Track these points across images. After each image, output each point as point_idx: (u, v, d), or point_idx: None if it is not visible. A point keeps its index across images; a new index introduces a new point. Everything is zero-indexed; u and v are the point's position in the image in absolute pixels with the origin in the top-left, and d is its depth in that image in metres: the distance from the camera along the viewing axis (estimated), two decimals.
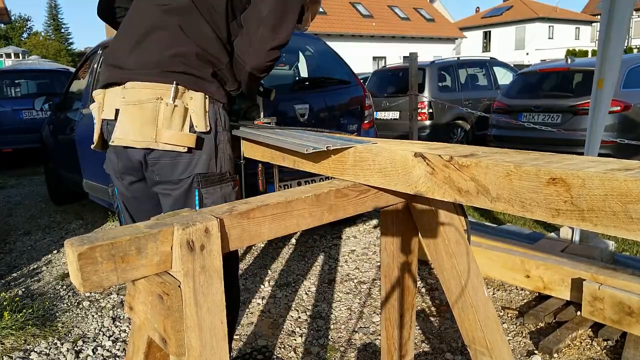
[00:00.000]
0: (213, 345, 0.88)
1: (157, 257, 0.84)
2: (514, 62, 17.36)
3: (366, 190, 1.16)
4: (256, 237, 0.98)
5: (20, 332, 2.47)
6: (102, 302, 2.86)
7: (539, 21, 34.33)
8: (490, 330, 1.35)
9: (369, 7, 28.49)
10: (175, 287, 0.83)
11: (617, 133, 5.30)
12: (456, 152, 0.97)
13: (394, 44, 28.18)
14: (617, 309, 2.18)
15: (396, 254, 1.39)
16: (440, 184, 0.96)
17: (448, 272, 1.32)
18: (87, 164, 4.05)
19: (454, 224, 1.29)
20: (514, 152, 0.95)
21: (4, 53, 28.28)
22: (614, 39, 2.74)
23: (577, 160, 0.84)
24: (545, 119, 6.03)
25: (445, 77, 8.42)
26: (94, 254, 0.77)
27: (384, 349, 1.53)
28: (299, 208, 1.03)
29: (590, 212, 0.74)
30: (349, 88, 3.85)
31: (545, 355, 2.16)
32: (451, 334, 2.37)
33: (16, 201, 5.80)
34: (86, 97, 4.12)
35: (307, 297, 2.85)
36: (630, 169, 0.75)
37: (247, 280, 3.11)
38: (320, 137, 1.35)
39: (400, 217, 1.33)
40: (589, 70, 5.70)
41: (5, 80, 8.63)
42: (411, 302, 1.44)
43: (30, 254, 3.83)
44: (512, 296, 2.74)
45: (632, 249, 3.33)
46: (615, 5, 2.67)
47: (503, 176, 0.84)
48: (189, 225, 0.83)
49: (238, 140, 1.65)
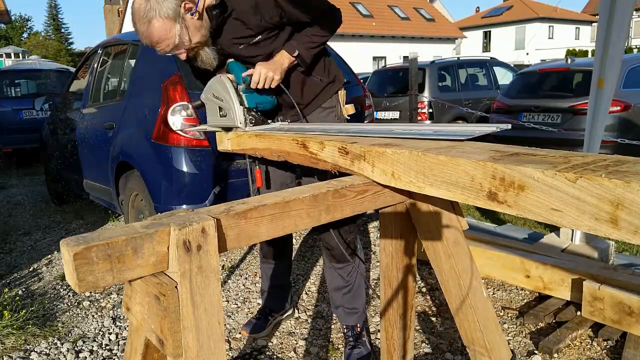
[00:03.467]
0: (210, 346, 0.88)
1: (154, 257, 0.83)
2: (514, 62, 17.34)
3: (364, 191, 1.16)
4: (254, 237, 0.98)
5: (20, 332, 2.47)
6: (102, 302, 2.86)
7: (539, 21, 34.30)
8: (489, 330, 1.35)
9: (369, 7, 28.47)
10: (172, 288, 0.83)
11: (617, 133, 5.30)
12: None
13: (394, 43, 28.16)
14: (617, 309, 2.18)
15: (395, 254, 1.38)
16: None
17: (447, 273, 1.32)
18: (88, 164, 4.05)
19: (452, 225, 1.28)
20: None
21: (4, 53, 28.30)
22: (614, 39, 2.73)
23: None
24: (545, 119, 6.02)
25: (445, 77, 8.42)
26: (89, 254, 0.76)
27: (383, 349, 1.53)
28: (296, 208, 1.03)
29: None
30: (349, 88, 3.84)
31: (545, 355, 2.16)
32: (451, 334, 2.36)
33: (16, 201, 5.80)
34: (86, 97, 4.13)
35: (307, 297, 2.84)
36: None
37: (247, 280, 3.10)
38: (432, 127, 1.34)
39: (399, 218, 1.33)
40: (589, 70, 5.68)
41: (5, 80, 8.63)
42: (411, 303, 1.44)
43: (31, 254, 3.83)
44: (512, 296, 2.73)
45: (632, 249, 3.33)
46: (615, 5, 2.67)
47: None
48: (186, 225, 0.83)
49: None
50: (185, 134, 2.87)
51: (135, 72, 3.42)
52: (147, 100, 3.13)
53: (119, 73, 3.77)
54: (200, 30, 1.72)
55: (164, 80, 2.97)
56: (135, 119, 3.23)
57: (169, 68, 3.02)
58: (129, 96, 3.40)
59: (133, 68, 3.46)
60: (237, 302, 2.82)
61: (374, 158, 1.14)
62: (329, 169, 1.31)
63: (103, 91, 4.01)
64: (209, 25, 1.74)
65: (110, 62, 4.09)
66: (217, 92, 1.82)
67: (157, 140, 2.95)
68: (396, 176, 1.09)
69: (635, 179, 0.73)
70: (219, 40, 1.85)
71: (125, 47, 3.76)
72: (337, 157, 1.25)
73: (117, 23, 39.91)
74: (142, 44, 3.33)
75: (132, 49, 3.60)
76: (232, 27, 1.81)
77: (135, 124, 3.22)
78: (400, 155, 1.07)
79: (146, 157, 3.06)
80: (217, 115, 1.84)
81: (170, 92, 2.93)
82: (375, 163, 1.14)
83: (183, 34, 1.67)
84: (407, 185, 1.08)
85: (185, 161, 2.87)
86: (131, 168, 3.25)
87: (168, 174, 2.91)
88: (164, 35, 1.65)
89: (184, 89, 2.90)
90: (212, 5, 1.71)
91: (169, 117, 2.89)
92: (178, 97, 2.89)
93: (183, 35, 1.67)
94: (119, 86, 3.71)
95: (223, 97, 1.80)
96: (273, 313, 2.45)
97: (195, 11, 1.67)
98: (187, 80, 2.92)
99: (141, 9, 1.63)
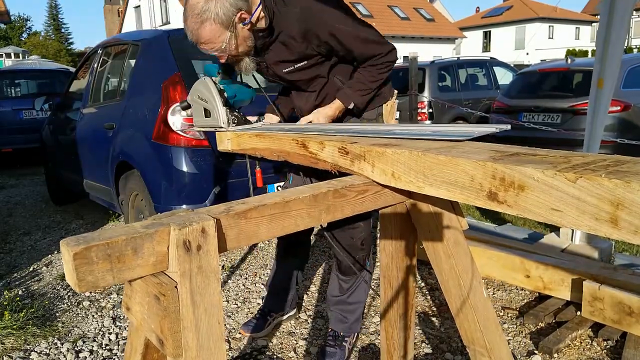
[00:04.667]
0: (210, 346, 0.88)
1: (154, 257, 0.83)
2: (514, 62, 17.34)
3: (364, 191, 1.16)
4: (253, 237, 0.98)
5: (20, 332, 2.47)
6: (102, 302, 2.86)
7: (539, 21, 34.29)
8: (489, 330, 1.35)
9: (369, 7, 28.46)
10: (171, 288, 0.83)
11: (617, 133, 5.29)
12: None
13: (393, 44, 28.00)
14: (617, 309, 2.18)
15: (395, 254, 1.39)
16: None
17: (447, 273, 1.32)
18: (88, 164, 4.04)
19: (452, 225, 1.28)
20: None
21: (4, 53, 28.29)
22: (614, 39, 2.73)
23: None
24: (545, 119, 6.02)
25: (445, 77, 8.42)
26: (89, 253, 0.76)
27: (383, 349, 1.53)
28: (296, 208, 1.03)
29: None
30: None
31: (545, 355, 2.16)
32: (451, 334, 2.36)
33: (16, 201, 5.80)
34: (86, 97, 4.13)
35: (307, 297, 2.84)
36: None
37: (247, 280, 3.10)
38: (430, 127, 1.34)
39: (399, 218, 1.33)
40: (589, 70, 5.68)
41: (5, 80, 8.63)
42: (411, 303, 1.44)
43: (31, 254, 3.83)
44: (512, 296, 2.73)
45: (632, 249, 3.33)
46: (615, 5, 2.67)
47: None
48: (186, 225, 0.83)
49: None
50: (185, 134, 2.87)
51: (135, 72, 3.42)
52: (147, 100, 3.13)
53: (119, 73, 3.76)
54: (247, 42, 1.71)
55: (164, 80, 2.97)
56: (135, 119, 3.23)
57: (169, 68, 3.02)
58: (129, 96, 3.40)
59: (133, 68, 3.46)
60: (237, 302, 2.82)
61: (374, 158, 1.14)
62: (329, 169, 1.31)
63: (103, 91, 4.01)
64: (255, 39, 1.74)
65: (110, 62, 4.09)
66: (201, 93, 1.86)
67: (157, 140, 2.95)
68: (396, 176, 1.09)
69: (635, 179, 0.73)
70: (265, 57, 1.83)
71: (125, 47, 3.76)
72: (337, 157, 1.25)
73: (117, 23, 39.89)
74: (142, 44, 3.36)
75: (132, 49, 3.60)
76: (278, 49, 1.79)
77: (135, 124, 3.22)
78: (400, 155, 1.07)
79: (146, 157, 3.06)
80: (202, 116, 1.88)
81: (170, 92, 2.93)
82: (375, 163, 1.14)
83: (231, 42, 1.66)
84: (407, 185, 1.08)
85: (185, 161, 2.88)
86: (131, 168, 3.25)
87: (168, 174, 2.91)
88: (213, 39, 1.64)
89: (184, 89, 2.90)
90: (259, 28, 1.70)
91: (169, 117, 2.89)
92: (178, 97, 2.89)
93: (231, 43, 1.66)
94: (119, 86, 3.71)
95: (207, 98, 1.84)
96: (272, 313, 2.45)
97: (249, 22, 1.65)
98: (187, 81, 2.92)
99: (198, 7, 1.59)
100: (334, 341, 2.16)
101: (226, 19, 1.60)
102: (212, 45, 1.67)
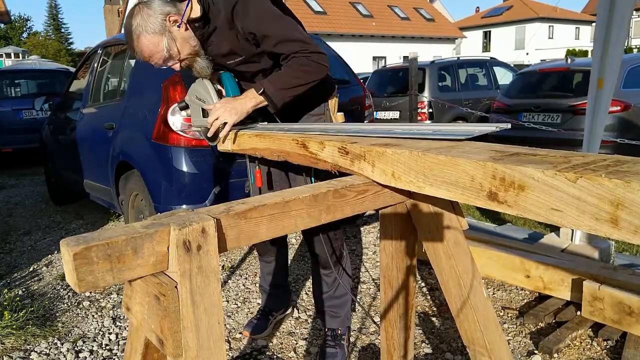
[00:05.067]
0: (210, 346, 0.88)
1: (154, 257, 0.83)
2: (514, 62, 17.35)
3: (364, 191, 1.15)
4: (253, 237, 0.98)
5: (20, 332, 2.47)
6: (102, 302, 2.86)
7: (539, 21, 34.29)
8: (489, 330, 1.35)
9: (369, 6, 28.47)
10: (171, 288, 0.83)
11: (617, 133, 5.30)
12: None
13: (394, 43, 28.16)
14: (617, 309, 2.18)
15: (395, 254, 1.38)
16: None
17: (447, 273, 1.32)
18: (88, 164, 4.04)
19: (452, 225, 1.28)
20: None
21: (4, 53, 28.30)
22: (614, 39, 2.73)
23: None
24: (545, 118, 6.02)
25: (445, 77, 8.42)
26: (89, 254, 0.76)
27: (383, 349, 1.53)
28: (296, 208, 1.02)
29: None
30: (349, 88, 3.85)
31: (545, 355, 2.16)
32: (451, 334, 2.36)
33: (16, 201, 5.80)
34: (86, 97, 4.13)
35: (307, 297, 2.84)
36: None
37: (247, 280, 3.10)
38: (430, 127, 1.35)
39: (399, 218, 1.33)
40: (588, 70, 5.65)
41: (5, 80, 8.62)
42: (411, 303, 1.44)
43: (31, 254, 3.83)
44: (512, 296, 2.73)
45: (632, 249, 3.33)
46: (614, 5, 2.67)
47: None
48: (186, 225, 0.83)
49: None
50: (185, 134, 2.87)
51: (135, 72, 3.42)
52: (147, 100, 3.13)
53: (119, 73, 3.77)
54: (189, 42, 1.73)
55: (164, 80, 2.97)
56: (135, 119, 3.23)
57: (169, 68, 3.01)
58: (128, 96, 3.40)
59: (133, 68, 3.46)
60: (237, 302, 2.82)
61: (374, 158, 1.14)
62: (329, 168, 1.31)
63: (103, 91, 4.01)
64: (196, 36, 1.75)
65: (110, 62, 4.09)
66: (199, 94, 1.87)
67: (157, 140, 2.95)
68: (396, 176, 1.09)
69: (635, 179, 0.73)
70: (209, 51, 1.83)
71: (125, 47, 3.75)
72: (337, 157, 1.25)
73: (117, 23, 39.92)
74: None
75: None
76: (218, 41, 1.79)
77: (135, 124, 3.22)
78: (400, 155, 1.07)
79: (146, 157, 3.06)
80: (200, 116, 1.89)
81: (170, 92, 2.93)
82: (375, 163, 1.14)
83: (171, 46, 1.69)
84: (407, 185, 1.08)
85: (185, 161, 2.88)
86: (131, 168, 3.25)
87: (168, 174, 2.91)
88: (154, 49, 1.68)
89: (183, 89, 2.90)
90: (193, 18, 1.71)
91: (169, 117, 2.89)
92: (178, 97, 2.89)
93: (171, 47, 1.69)
94: (119, 86, 3.71)
95: (205, 98, 1.85)
96: (273, 312, 2.46)
97: (182, 23, 1.68)
98: (187, 81, 2.92)
99: (129, 27, 1.67)
100: (333, 341, 2.17)
101: (157, 27, 1.65)
102: (157, 56, 1.70)
